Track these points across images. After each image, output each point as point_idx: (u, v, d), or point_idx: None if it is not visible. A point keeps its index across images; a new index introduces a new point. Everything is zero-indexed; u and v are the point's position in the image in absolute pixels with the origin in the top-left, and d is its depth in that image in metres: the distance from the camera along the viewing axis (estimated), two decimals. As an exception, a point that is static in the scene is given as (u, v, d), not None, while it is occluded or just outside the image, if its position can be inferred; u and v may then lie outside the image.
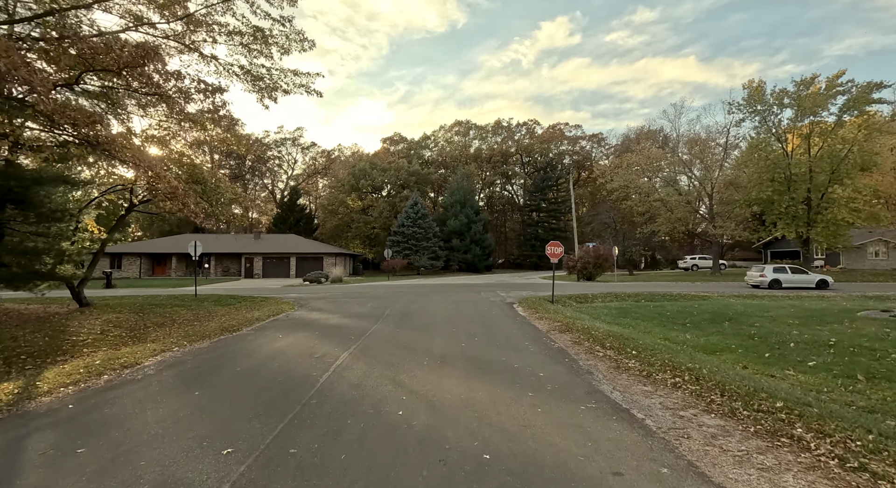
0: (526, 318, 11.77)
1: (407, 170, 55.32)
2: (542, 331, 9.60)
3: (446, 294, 19.81)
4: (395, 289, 23.75)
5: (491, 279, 34.75)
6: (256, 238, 44.20)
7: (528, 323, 10.97)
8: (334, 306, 15.06)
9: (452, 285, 26.73)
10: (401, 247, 45.85)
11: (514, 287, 24.10)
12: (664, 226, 35.31)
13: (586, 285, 25.63)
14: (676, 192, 36.97)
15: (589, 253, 31.07)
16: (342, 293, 20.88)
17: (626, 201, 38.72)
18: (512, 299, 16.82)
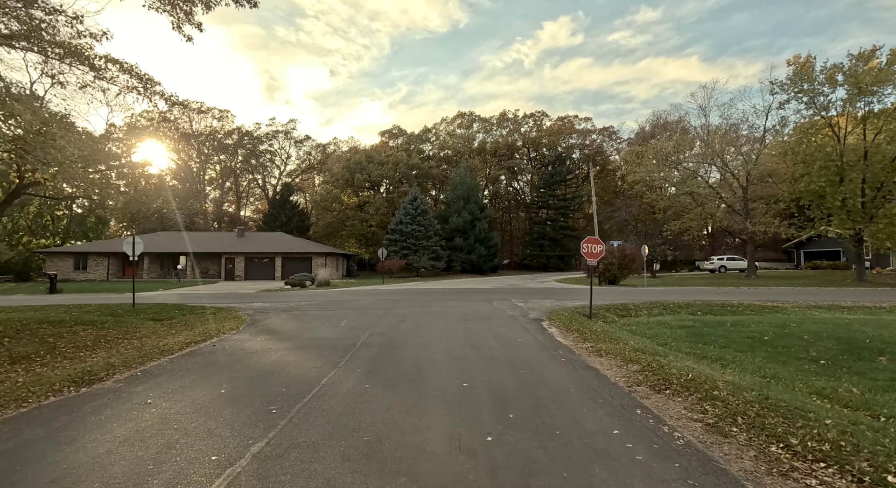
0: (573, 351, 7.72)
1: (406, 163, 51.33)
2: (618, 386, 5.56)
3: (449, 303, 15.78)
4: (387, 295, 19.74)
5: (499, 282, 30.70)
6: (240, 236, 40.26)
7: (582, 362, 6.93)
8: (296, 325, 11.04)
9: (456, 291, 22.70)
10: (398, 247, 41.84)
11: (530, 293, 20.07)
12: (694, 222, 31.23)
13: (613, 291, 21.56)
14: (707, 185, 32.90)
15: (613, 252, 27.00)
16: (320, 301, 16.87)
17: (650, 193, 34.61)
18: (537, 313, 12.79)
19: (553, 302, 15.95)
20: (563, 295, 19.07)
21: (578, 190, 59.65)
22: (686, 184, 32.69)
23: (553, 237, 55.87)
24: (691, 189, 31.58)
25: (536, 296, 18.08)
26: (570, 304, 15.10)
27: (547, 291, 21.37)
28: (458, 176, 47.44)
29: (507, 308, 14.12)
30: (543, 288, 24.27)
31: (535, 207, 60.64)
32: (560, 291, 21.36)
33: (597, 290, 21.85)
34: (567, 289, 23.45)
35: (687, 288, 23.91)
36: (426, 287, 26.34)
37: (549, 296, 18.47)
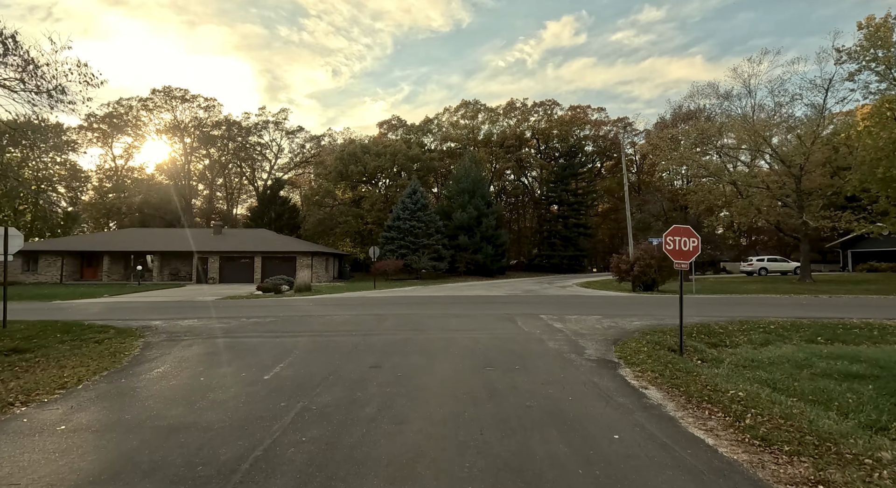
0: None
1: (406, 154, 46.78)
2: None
3: (455, 323, 11.18)
4: (373, 307, 15.18)
5: (512, 287, 26.07)
6: (216, 233, 35.78)
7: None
8: (188, 376, 6.39)
9: (462, 299, 18.11)
10: (396, 246, 37.29)
11: (559, 304, 15.46)
12: (743, 216, 26.57)
13: (658, 300, 16.92)
14: (751, 174, 28.22)
15: (651, 252, 22.39)
16: (278, 318, 12.31)
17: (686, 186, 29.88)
18: (593, 345, 8.17)
19: (600, 319, 11.35)
20: (603, 306, 14.46)
21: (592, 185, 55.01)
22: (730, 173, 27.99)
23: (565, 236, 51.26)
24: (735, 177, 26.86)
25: (571, 309, 13.48)
26: (627, 324, 10.53)
27: (579, 301, 16.75)
28: (463, 167, 42.85)
29: (542, 331, 9.52)
30: (571, 295, 19.66)
31: (546, 203, 56.01)
32: (596, 301, 16.74)
33: (633, 299, 17.21)
34: (602, 297, 18.83)
35: (743, 296, 19.34)
36: (425, 293, 21.76)
37: (587, 308, 13.86)
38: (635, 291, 22.74)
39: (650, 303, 15.97)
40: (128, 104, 53.80)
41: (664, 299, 17.48)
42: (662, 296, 18.99)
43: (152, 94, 54.64)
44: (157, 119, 56.66)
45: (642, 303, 15.63)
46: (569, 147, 53.36)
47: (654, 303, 15.97)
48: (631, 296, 18.99)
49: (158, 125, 56.95)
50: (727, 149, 28.18)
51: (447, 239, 39.69)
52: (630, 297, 18.40)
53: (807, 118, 27.15)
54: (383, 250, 37.71)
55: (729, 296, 18.91)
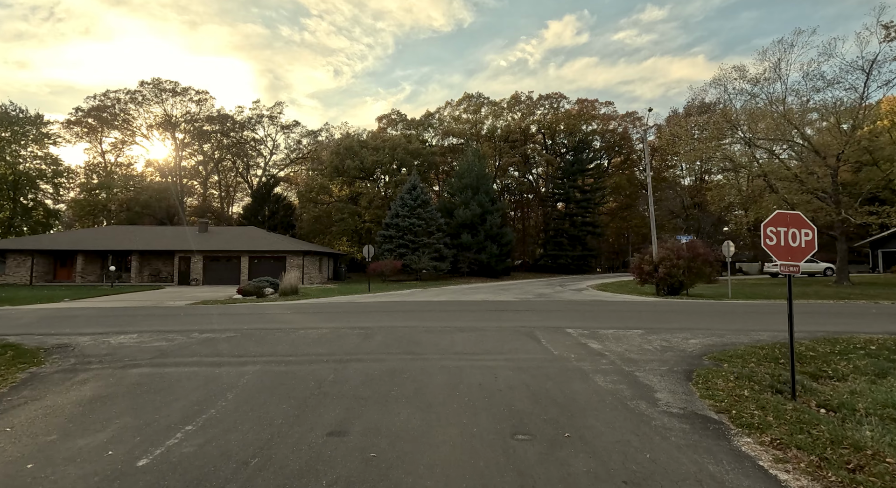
0: None
1: (405, 148, 44.35)
2: None
3: (461, 342, 8.74)
4: (361, 317, 12.78)
5: (522, 290, 23.63)
6: (202, 231, 33.40)
7: None
8: (23, 454, 4.08)
9: (467, 305, 15.67)
10: (394, 244, 34.88)
11: (582, 312, 13.01)
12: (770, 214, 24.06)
13: (692, 307, 14.45)
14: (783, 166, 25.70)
15: (678, 251, 19.94)
16: (239, 332, 9.89)
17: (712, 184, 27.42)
18: (656, 380, 5.74)
19: (644, 335, 8.92)
20: (637, 316, 12.00)
21: (600, 182, 52.50)
22: (759, 166, 25.48)
23: (573, 234, 48.78)
24: (766, 170, 24.35)
25: (601, 320, 11.04)
26: (682, 342, 8.13)
27: (605, 309, 14.28)
28: (466, 162, 40.39)
29: (578, 356, 7.08)
30: (591, 301, 17.20)
31: (552, 201, 53.54)
32: (624, 309, 14.28)
33: (666, 306, 14.74)
34: (627, 303, 16.36)
35: (781, 301, 16.83)
36: (425, 297, 19.33)
37: (619, 319, 11.41)
38: (659, 295, 20.32)
39: (689, 310, 13.51)
40: (115, 97, 51.49)
41: (702, 306, 15.01)
42: (696, 302, 16.53)
43: (141, 87, 52.31)
44: (147, 113, 54.32)
45: (681, 312, 13.17)
46: (577, 141, 50.85)
47: (694, 311, 13.51)
48: (660, 302, 16.53)
49: (148, 119, 54.63)
50: (756, 139, 25.66)
51: (449, 237, 37.27)
52: (660, 303, 15.95)
53: (844, 105, 24.62)
54: (381, 249, 35.34)
55: (769, 303, 16.45)
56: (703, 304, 15.57)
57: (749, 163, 25.63)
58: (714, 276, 20.13)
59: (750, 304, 15.60)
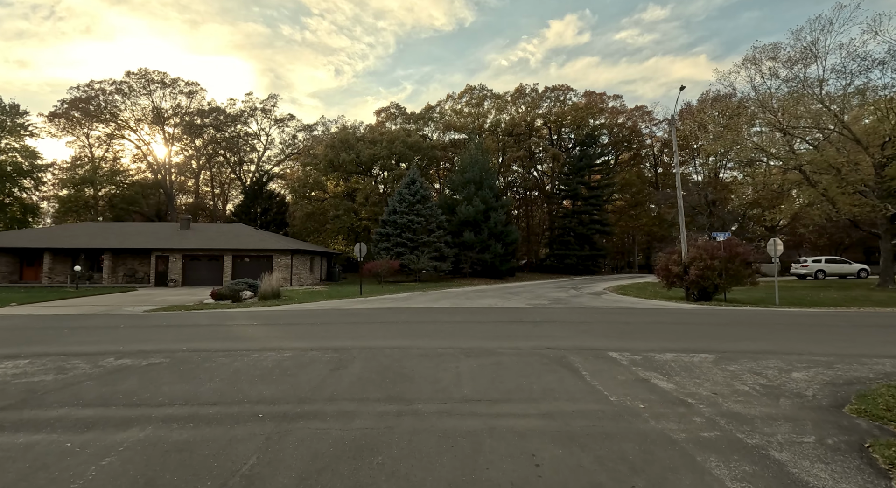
0: None
1: (404, 141, 41.86)
2: None
3: (464, 375, 6.27)
4: (341, 331, 10.33)
5: (532, 293, 21.16)
6: (184, 228, 30.93)
7: None
8: None
9: (475, 315, 13.20)
10: (391, 243, 32.42)
11: (616, 326, 10.51)
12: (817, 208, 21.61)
13: (744, 316, 11.94)
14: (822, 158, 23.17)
15: (712, 251, 17.45)
16: (170, 359, 7.41)
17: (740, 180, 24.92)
18: (807, 464, 3.28)
19: (719, 362, 6.45)
20: (685, 330, 9.52)
21: (608, 178, 49.96)
22: (795, 156, 22.96)
23: (581, 233, 46.33)
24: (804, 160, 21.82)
25: (647, 338, 8.57)
26: (785, 379, 5.64)
27: (640, 321, 11.78)
28: (468, 155, 37.89)
29: (647, 402, 4.59)
30: (618, 308, 14.69)
31: (559, 198, 51.09)
32: (664, 319, 11.77)
33: (710, 315, 12.22)
34: (662, 311, 13.87)
35: (830, 309, 14.43)
36: (422, 303, 16.85)
37: (668, 336, 8.93)
38: (690, 300, 17.86)
39: (744, 322, 11.02)
40: (100, 87, 49.03)
41: (755, 317, 12.51)
42: (743, 311, 14.05)
43: (127, 77, 49.88)
44: (135, 105, 51.83)
45: (736, 324, 10.69)
46: (584, 136, 48.35)
47: (751, 322, 11.01)
48: (698, 310, 14.06)
49: (136, 112, 52.14)
50: (791, 127, 23.14)
51: (450, 236, 34.80)
52: (699, 312, 13.47)
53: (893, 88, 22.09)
54: (377, 248, 32.90)
55: (830, 312, 13.97)
56: (752, 314, 13.09)
57: (786, 154, 23.07)
58: (754, 279, 17.63)
59: (808, 314, 13.12)
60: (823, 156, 21.21)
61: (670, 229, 53.18)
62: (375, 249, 33.13)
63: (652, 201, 53.71)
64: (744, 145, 23.88)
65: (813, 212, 21.74)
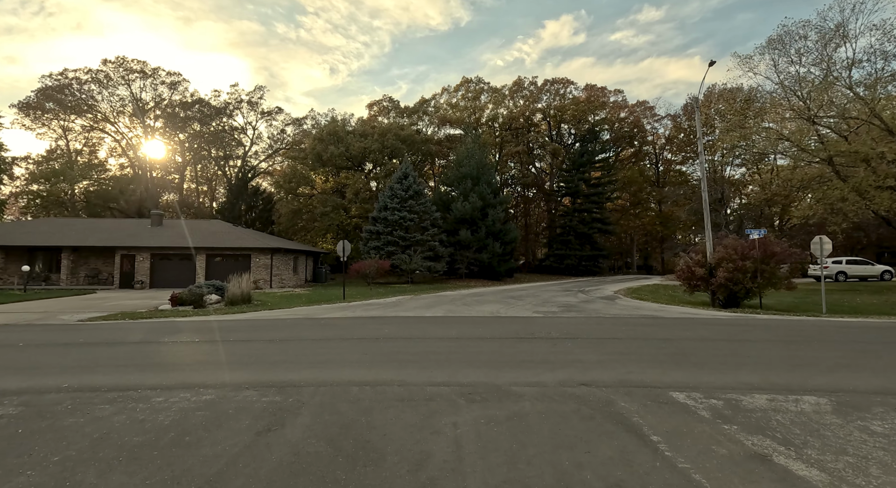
0: None
1: (396, 134, 39.56)
2: None
3: (472, 473, 3.98)
4: (301, 355, 8.04)
5: (536, 298, 18.95)
6: (155, 224, 28.41)
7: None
8: None
9: (474, 327, 10.95)
10: (382, 241, 30.11)
11: (655, 343, 8.25)
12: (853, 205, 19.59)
13: (794, 328, 9.76)
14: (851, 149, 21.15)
15: (743, 251, 15.33)
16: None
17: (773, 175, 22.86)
18: None
19: (854, 417, 4.21)
20: (750, 351, 7.28)
21: (610, 175, 47.91)
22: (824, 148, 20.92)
23: (582, 232, 44.22)
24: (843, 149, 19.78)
25: (711, 365, 6.34)
26: None
27: (684, 335, 9.52)
28: (465, 149, 35.65)
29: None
30: (643, 317, 12.46)
31: (559, 195, 48.99)
32: (710, 335, 9.53)
33: (757, 327, 9.92)
34: (695, 321, 11.63)
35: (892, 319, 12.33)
36: (412, 310, 14.58)
37: (732, 360, 6.68)
38: (715, 306, 15.76)
39: (806, 336, 8.85)
40: (74, 76, 46.24)
41: (810, 329, 10.35)
42: (796, 321, 11.90)
43: (104, 66, 47.13)
44: (113, 96, 49.08)
45: (799, 340, 8.50)
46: (588, 129, 46.29)
47: (812, 336, 8.85)
48: (739, 319, 11.89)
49: (114, 103, 49.38)
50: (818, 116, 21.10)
51: (445, 234, 32.54)
52: (743, 322, 11.29)
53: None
54: (367, 247, 30.57)
55: (884, 322, 11.86)
56: (808, 326, 10.91)
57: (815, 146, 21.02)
58: (790, 282, 15.53)
59: (874, 326, 10.97)
60: (859, 146, 19.14)
61: (675, 228, 51.31)
62: (365, 248, 30.81)
63: (656, 199, 51.77)
64: (767, 135, 21.82)
65: (848, 208, 19.67)
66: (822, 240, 13.91)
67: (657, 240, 56.78)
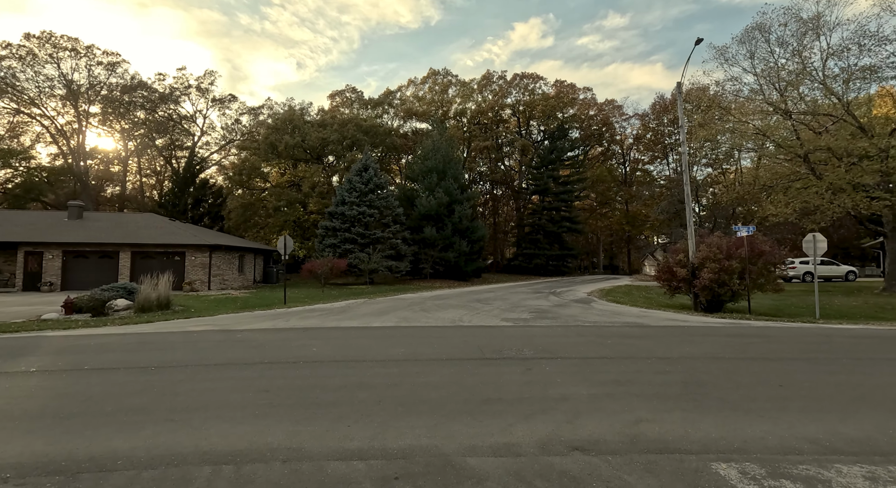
0: None
1: (357, 124, 37.03)
2: None
3: None
4: (141, 418, 5.74)
5: (505, 301, 17.14)
6: (73, 217, 24.79)
7: None
8: None
9: (429, 340, 8.93)
10: (339, 239, 27.65)
11: (656, 362, 6.47)
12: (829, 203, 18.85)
13: (803, 339, 8.31)
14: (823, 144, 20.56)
15: (728, 250, 14.05)
16: None
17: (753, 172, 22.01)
18: None
19: None
20: (781, 377, 5.60)
21: (579, 173, 47.15)
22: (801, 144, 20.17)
23: (551, 231, 43.14)
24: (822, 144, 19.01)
25: (741, 399, 4.59)
26: None
27: (684, 353, 7.77)
28: (431, 141, 33.62)
29: None
30: (626, 325, 10.76)
31: (528, 193, 47.80)
32: (722, 352, 7.83)
33: (756, 339, 8.39)
34: (686, 328, 10.03)
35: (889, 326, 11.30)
36: (357, 321, 12.38)
37: (771, 392, 4.94)
38: (699, 311, 14.43)
39: (834, 350, 7.34)
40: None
41: (816, 338, 8.93)
42: (791, 329, 10.53)
43: (26, 41, 42.02)
44: (39, 76, 43.90)
45: (819, 358, 6.98)
46: (557, 126, 45.22)
47: (836, 349, 7.36)
48: (734, 328, 10.42)
49: (41, 84, 44.19)
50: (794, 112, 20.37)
51: (409, 231, 30.41)
52: (740, 331, 9.80)
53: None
54: (322, 244, 28.04)
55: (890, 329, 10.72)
56: (814, 335, 9.52)
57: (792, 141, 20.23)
58: (777, 284, 14.37)
59: (885, 333, 9.71)
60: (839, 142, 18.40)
61: (642, 228, 51.17)
62: (320, 246, 28.25)
63: (624, 198, 51.44)
64: (743, 130, 20.92)
65: (826, 206, 18.91)
66: (816, 238, 12.73)
67: (624, 240, 56.69)
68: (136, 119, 48.62)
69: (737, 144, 23.13)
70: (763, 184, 25.61)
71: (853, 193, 20.07)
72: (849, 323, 11.52)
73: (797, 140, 20.22)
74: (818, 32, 20.56)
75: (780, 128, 20.73)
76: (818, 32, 20.56)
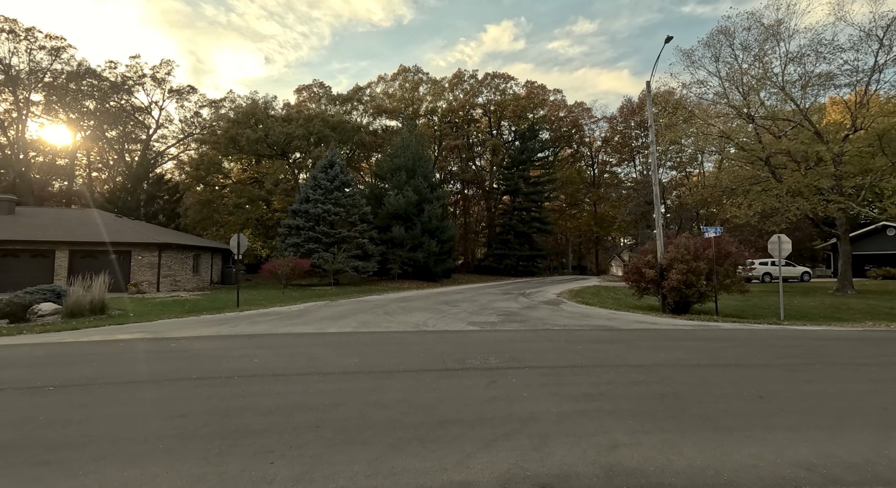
0: None
1: (324, 119, 35.76)
2: None
3: None
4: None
5: (474, 303, 16.60)
6: (4, 213, 22.56)
7: None
8: None
9: (389, 353, 8.20)
10: (302, 238, 26.43)
11: (634, 370, 5.99)
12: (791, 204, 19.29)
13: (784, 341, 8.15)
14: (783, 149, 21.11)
15: (695, 251, 14.01)
16: None
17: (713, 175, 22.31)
18: None
19: None
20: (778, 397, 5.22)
21: (550, 174, 47.37)
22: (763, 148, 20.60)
23: (521, 231, 43.08)
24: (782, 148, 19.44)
25: (730, 423, 4.13)
26: None
27: (660, 361, 7.35)
28: (401, 139, 32.79)
29: None
30: (598, 328, 10.39)
31: (499, 193, 47.62)
32: (703, 360, 7.48)
33: (735, 343, 8.05)
34: (660, 332, 9.72)
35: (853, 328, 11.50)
36: (313, 326, 11.50)
37: (761, 409, 4.53)
38: (667, 312, 14.32)
39: (806, 353, 7.13)
40: None
41: (791, 341, 8.78)
42: (766, 331, 10.42)
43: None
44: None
45: (812, 363, 6.72)
46: (528, 126, 45.22)
47: (807, 352, 7.16)
48: (708, 331, 10.21)
49: (-28, 69, 40.51)
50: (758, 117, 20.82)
51: (376, 230, 29.48)
52: (714, 335, 9.59)
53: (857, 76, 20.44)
54: (284, 244, 26.74)
55: (860, 330, 10.81)
56: (783, 337, 9.39)
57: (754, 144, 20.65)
58: (743, 285, 14.45)
59: (845, 335, 9.70)
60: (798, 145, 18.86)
61: (610, 229, 51.96)
62: (282, 245, 26.95)
63: (593, 200, 52.08)
64: (707, 132, 21.22)
65: (785, 209, 19.37)
66: (781, 240, 12.81)
67: (592, 241, 57.49)
68: (85, 109, 45.47)
69: (700, 147, 23.48)
70: (725, 187, 26.21)
71: (811, 196, 20.70)
72: (811, 324, 11.58)
73: (759, 143, 20.64)
74: (778, 38, 21.11)
75: (742, 132, 21.15)
76: (778, 38, 21.11)
